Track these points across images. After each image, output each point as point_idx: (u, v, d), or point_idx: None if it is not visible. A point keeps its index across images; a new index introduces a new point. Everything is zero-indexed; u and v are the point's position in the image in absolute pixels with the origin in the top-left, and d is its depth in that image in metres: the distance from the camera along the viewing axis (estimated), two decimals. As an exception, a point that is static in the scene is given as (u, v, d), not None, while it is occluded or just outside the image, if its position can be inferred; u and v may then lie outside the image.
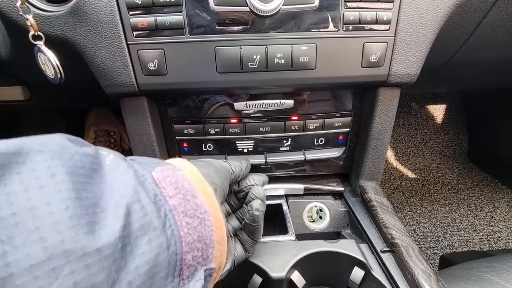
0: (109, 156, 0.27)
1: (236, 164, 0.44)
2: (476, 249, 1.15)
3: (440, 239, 1.18)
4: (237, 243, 0.42)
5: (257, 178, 0.46)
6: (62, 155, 0.22)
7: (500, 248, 1.15)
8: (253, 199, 0.42)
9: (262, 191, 0.43)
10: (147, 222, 0.24)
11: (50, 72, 0.45)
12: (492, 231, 1.20)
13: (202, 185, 0.31)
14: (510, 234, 1.19)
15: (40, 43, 0.42)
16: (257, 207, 0.40)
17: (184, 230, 0.27)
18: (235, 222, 0.45)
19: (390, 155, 1.48)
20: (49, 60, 0.43)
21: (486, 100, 1.39)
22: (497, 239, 1.18)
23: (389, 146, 1.34)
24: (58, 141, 0.23)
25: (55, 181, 0.20)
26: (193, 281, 0.28)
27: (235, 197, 0.47)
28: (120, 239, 0.21)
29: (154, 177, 0.28)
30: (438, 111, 1.52)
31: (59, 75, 0.44)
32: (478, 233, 1.20)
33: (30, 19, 0.39)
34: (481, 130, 1.44)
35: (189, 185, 0.30)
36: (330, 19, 0.44)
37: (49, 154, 0.21)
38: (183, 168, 0.32)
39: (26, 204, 0.18)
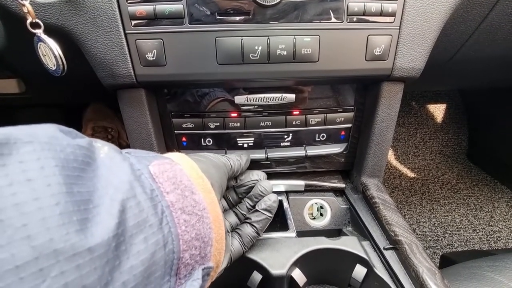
0: (103, 149, 0.25)
1: (235, 159, 0.43)
2: (476, 249, 1.14)
3: (439, 239, 1.17)
4: (234, 239, 0.41)
5: (260, 174, 0.46)
6: (53, 146, 0.20)
7: (500, 248, 1.14)
8: (262, 192, 0.42)
9: (270, 185, 0.44)
10: (143, 219, 0.23)
11: (51, 64, 0.43)
12: (491, 230, 1.20)
13: (201, 181, 0.30)
14: (510, 234, 1.18)
15: (39, 31, 0.40)
16: (275, 199, 0.42)
17: (182, 227, 0.26)
18: (232, 218, 0.44)
19: (389, 154, 1.47)
20: (50, 50, 0.41)
21: (486, 100, 1.38)
22: (497, 238, 1.17)
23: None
24: (49, 131, 0.21)
25: (44, 175, 0.19)
26: (190, 280, 0.27)
27: (234, 193, 0.46)
28: (114, 237, 0.20)
29: (151, 171, 0.27)
30: (438, 110, 1.52)
31: (61, 67, 0.42)
32: (477, 232, 1.19)
33: (27, 5, 0.37)
34: (481, 130, 1.43)
35: (187, 181, 0.29)
36: (333, 10, 0.43)
37: (38, 145, 0.20)
38: (181, 163, 0.30)
39: (12, 200, 0.17)
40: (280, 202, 0.58)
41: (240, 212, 0.44)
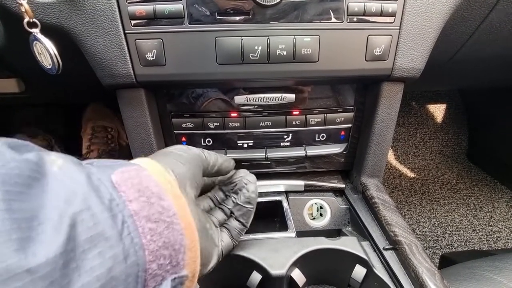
0: (57, 162, 0.24)
1: (209, 152, 0.41)
2: (476, 249, 1.14)
3: (439, 239, 1.17)
4: (223, 233, 0.41)
5: (246, 171, 0.45)
6: None
7: (499, 248, 1.14)
8: (247, 184, 0.42)
9: (254, 178, 0.43)
10: (98, 233, 0.22)
11: (47, 62, 0.43)
12: (491, 231, 1.20)
13: (170, 186, 0.29)
14: (509, 234, 1.18)
15: (36, 31, 0.40)
16: (253, 189, 0.41)
17: (147, 237, 0.25)
18: (219, 215, 0.43)
19: (389, 154, 1.47)
20: (46, 49, 0.41)
21: (486, 99, 1.38)
22: (496, 239, 1.17)
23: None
24: None
25: None
26: None
27: (220, 192, 0.45)
28: (62, 255, 0.19)
29: (113, 180, 0.25)
30: (438, 110, 1.52)
31: (56, 65, 0.42)
32: (477, 232, 1.19)
33: (25, 5, 0.37)
34: (481, 130, 1.43)
35: (155, 187, 0.27)
36: (333, 10, 0.43)
37: None
38: (148, 168, 0.29)
39: None
40: (280, 202, 0.58)
41: (227, 207, 0.43)
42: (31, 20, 0.39)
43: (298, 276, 0.44)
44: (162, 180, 0.29)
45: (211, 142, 0.56)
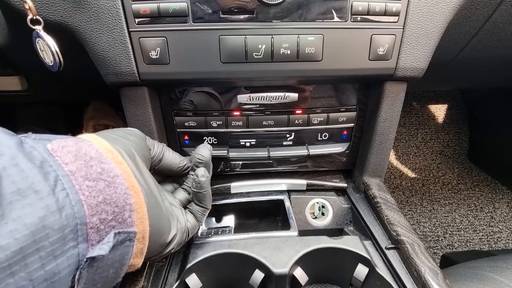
0: None
1: (156, 141, 0.43)
2: (476, 249, 1.14)
3: (440, 239, 1.17)
4: (188, 214, 0.43)
5: (203, 145, 0.46)
6: None
7: (500, 249, 1.14)
8: (200, 159, 0.43)
9: (207, 151, 0.44)
10: (28, 186, 0.23)
11: (49, 59, 0.43)
12: (492, 231, 1.20)
13: (111, 154, 0.30)
14: (510, 235, 1.18)
15: (39, 28, 0.40)
16: (202, 173, 0.42)
17: (85, 193, 0.26)
18: (182, 195, 0.45)
19: (390, 154, 1.47)
20: (48, 46, 0.41)
21: (487, 100, 1.38)
22: (497, 239, 1.17)
23: (390, 145, 1.33)
24: None
25: None
26: (100, 244, 0.27)
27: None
28: None
29: (48, 148, 0.27)
30: (439, 111, 1.52)
31: (58, 62, 0.43)
32: (478, 233, 1.20)
33: (29, 2, 0.38)
34: (482, 130, 1.43)
35: (95, 153, 0.29)
36: (337, 10, 0.43)
37: None
38: (92, 140, 0.31)
39: None
40: (282, 201, 0.58)
41: (188, 186, 0.45)
42: (34, 18, 0.40)
43: (300, 274, 0.44)
44: (103, 149, 0.30)
45: (213, 141, 0.56)
